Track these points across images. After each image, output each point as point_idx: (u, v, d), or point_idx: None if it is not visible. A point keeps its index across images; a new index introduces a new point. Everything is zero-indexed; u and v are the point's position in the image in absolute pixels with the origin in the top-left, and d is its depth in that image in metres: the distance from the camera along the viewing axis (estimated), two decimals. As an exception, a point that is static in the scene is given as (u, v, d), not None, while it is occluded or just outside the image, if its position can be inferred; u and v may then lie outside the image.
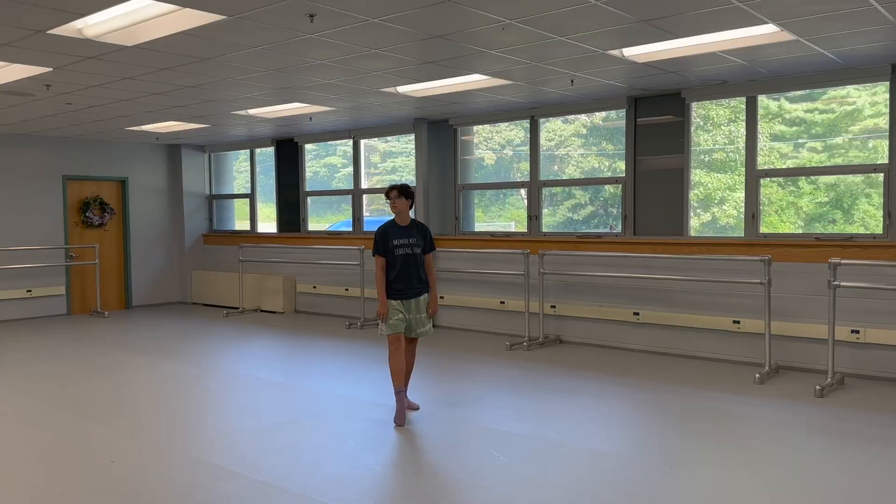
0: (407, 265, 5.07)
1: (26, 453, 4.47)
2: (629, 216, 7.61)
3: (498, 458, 4.27)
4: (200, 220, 11.98)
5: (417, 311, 5.15)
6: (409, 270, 5.07)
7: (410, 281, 5.08)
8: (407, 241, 5.10)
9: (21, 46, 5.04)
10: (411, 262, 5.08)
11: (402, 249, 5.07)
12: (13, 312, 10.02)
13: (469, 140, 9.18)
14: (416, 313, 5.14)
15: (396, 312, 5.05)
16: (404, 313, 5.08)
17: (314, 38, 5.00)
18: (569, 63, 5.86)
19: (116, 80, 6.32)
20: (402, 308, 5.06)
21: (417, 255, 5.12)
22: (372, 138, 10.03)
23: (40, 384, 6.23)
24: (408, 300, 5.08)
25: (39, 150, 10.23)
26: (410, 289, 5.09)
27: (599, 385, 6.02)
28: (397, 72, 6.14)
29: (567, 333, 7.92)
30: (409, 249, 5.08)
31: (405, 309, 5.08)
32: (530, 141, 8.33)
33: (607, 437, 4.68)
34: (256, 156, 11.39)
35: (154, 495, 3.76)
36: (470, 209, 9.17)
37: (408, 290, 5.08)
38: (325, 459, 4.29)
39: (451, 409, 5.45)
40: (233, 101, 7.50)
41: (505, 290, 8.37)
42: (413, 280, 5.09)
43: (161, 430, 4.91)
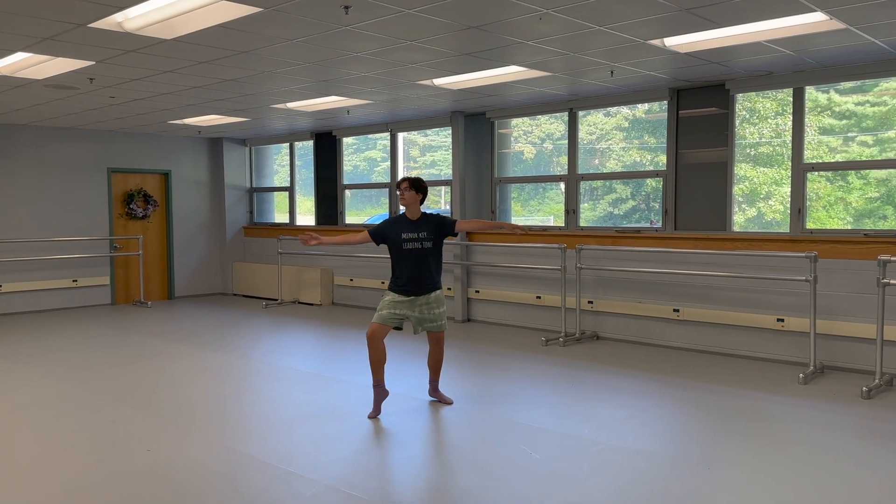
0: (416, 261, 4.89)
1: (66, 440, 4.56)
2: (670, 211, 7.45)
3: (531, 455, 4.21)
4: (241, 212, 12.13)
5: (428, 309, 4.97)
6: (418, 267, 4.89)
7: (420, 279, 4.88)
8: (416, 236, 4.91)
9: (63, 40, 5.13)
10: (421, 258, 4.90)
11: (410, 244, 4.89)
12: (60, 302, 10.28)
13: (507, 133, 9.09)
14: (425, 311, 4.96)
15: (393, 306, 4.88)
16: (406, 311, 4.91)
17: (350, 30, 4.98)
18: (608, 53, 5.74)
19: (157, 73, 6.41)
20: (403, 306, 4.89)
21: (429, 252, 4.93)
22: (409, 131, 10.01)
23: (82, 372, 6.37)
24: (417, 296, 4.91)
25: (85, 144, 10.46)
26: (418, 288, 4.90)
27: (637, 383, 5.91)
28: (433, 64, 6.09)
29: (604, 329, 7.80)
30: (418, 244, 4.90)
31: (409, 307, 4.91)
32: (568, 134, 8.21)
33: (644, 435, 4.58)
34: (296, 149, 11.47)
35: (186, 484, 3.79)
36: (507, 203, 9.09)
37: (415, 289, 4.90)
38: (356, 452, 4.28)
39: (485, 404, 5.41)
40: (272, 94, 7.55)
41: (541, 284, 8.28)
42: (423, 278, 4.90)
43: (197, 419, 4.96)
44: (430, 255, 4.94)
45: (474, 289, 8.94)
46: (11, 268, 9.78)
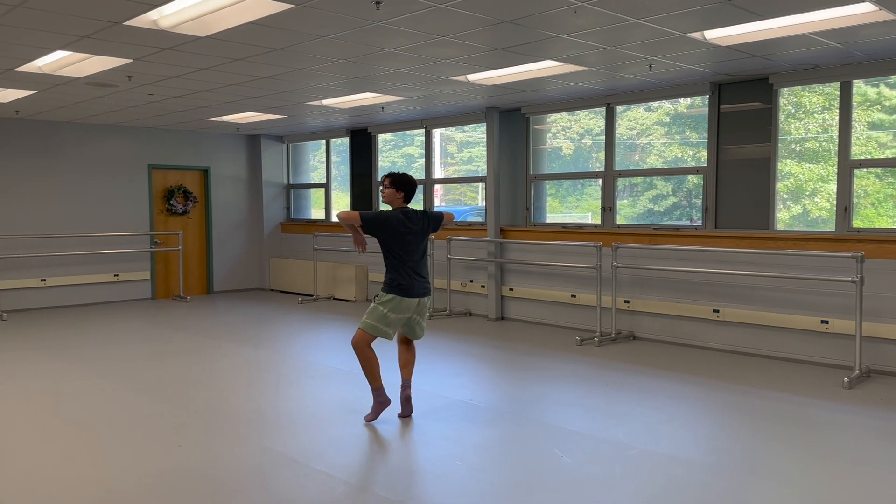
0: (414, 259, 4.64)
1: (100, 434, 4.61)
2: (710, 208, 7.26)
3: (561, 459, 4.13)
4: (278, 208, 12.22)
5: (419, 314, 4.73)
6: (413, 263, 4.64)
7: (414, 276, 4.63)
8: (416, 229, 4.67)
9: (100, 38, 5.19)
10: (417, 254, 4.67)
11: (412, 237, 4.64)
12: (101, 296, 10.49)
13: (542, 129, 8.97)
14: (418, 315, 4.73)
15: (394, 319, 4.60)
16: (408, 315, 4.65)
17: (382, 25, 4.94)
18: (646, 47, 5.60)
19: (193, 70, 6.46)
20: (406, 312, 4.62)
21: (424, 247, 4.73)
22: (444, 128, 9.95)
23: (120, 366, 6.46)
24: (419, 298, 4.65)
25: (126, 140, 10.64)
26: (419, 285, 4.65)
27: (674, 385, 5.77)
28: (467, 59, 6.02)
29: (641, 330, 7.64)
30: (416, 238, 4.67)
31: (409, 309, 4.63)
32: (606, 129, 8.06)
33: (679, 440, 4.46)
34: (333, 145, 11.51)
35: (216, 481, 3.80)
36: (542, 200, 8.97)
37: (414, 286, 4.63)
38: (385, 451, 4.25)
39: (516, 404, 5.33)
40: (307, 91, 7.56)
41: (576, 283, 8.16)
42: (416, 275, 4.65)
43: (229, 415, 4.98)
44: (423, 253, 4.76)
45: (508, 287, 8.85)
46: (55, 262, 10.00)
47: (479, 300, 9.21)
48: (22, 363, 6.58)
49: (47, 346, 7.37)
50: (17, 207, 9.66)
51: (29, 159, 9.75)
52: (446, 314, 9.12)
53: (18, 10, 4.48)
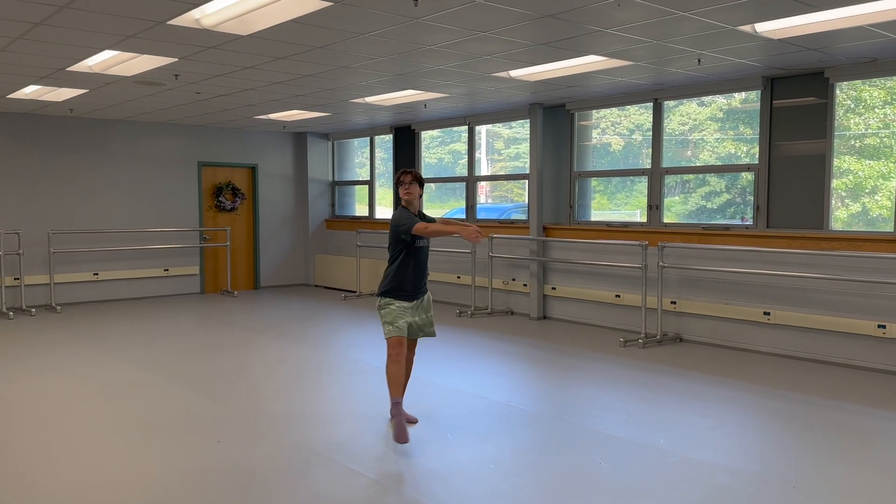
0: (418, 260, 4.50)
1: (140, 427, 4.69)
2: (762, 207, 7.01)
3: (600, 465, 4.02)
4: (324, 205, 12.31)
5: (424, 311, 4.61)
6: (421, 266, 4.53)
7: (420, 279, 4.52)
8: None
9: (145, 37, 5.27)
10: (421, 256, 4.53)
11: (421, 241, 4.50)
12: (152, 290, 10.73)
13: (587, 125, 8.81)
14: (422, 313, 4.60)
15: (404, 314, 4.48)
16: (411, 316, 4.52)
17: (422, 22, 4.89)
18: (694, 41, 5.42)
19: (238, 69, 6.52)
20: (408, 313, 4.50)
21: (427, 249, 4.60)
22: (487, 124, 9.87)
23: (166, 360, 6.58)
24: (417, 300, 4.55)
25: (176, 138, 10.85)
26: (418, 289, 4.54)
27: (721, 390, 5.58)
28: (509, 55, 5.93)
29: (688, 331, 7.44)
30: (425, 241, 4.53)
31: (412, 313, 4.53)
32: (653, 125, 7.87)
33: (724, 448, 4.30)
34: (377, 142, 11.53)
35: (251, 476, 3.81)
36: (586, 197, 8.82)
37: (415, 290, 4.52)
38: (420, 452, 4.21)
39: (557, 407, 5.24)
40: (350, 89, 7.57)
41: (621, 282, 7.99)
42: (423, 278, 4.55)
43: (268, 411, 5.01)
44: (426, 256, 4.60)
45: (551, 285, 8.73)
46: (108, 256, 10.26)
47: (521, 299, 9.11)
48: (71, 355, 6.75)
49: (97, 338, 7.55)
50: (72, 203, 9.94)
51: (83, 156, 10.02)
52: (488, 313, 9.04)
53: (66, 11, 4.57)
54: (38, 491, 3.66)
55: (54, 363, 6.45)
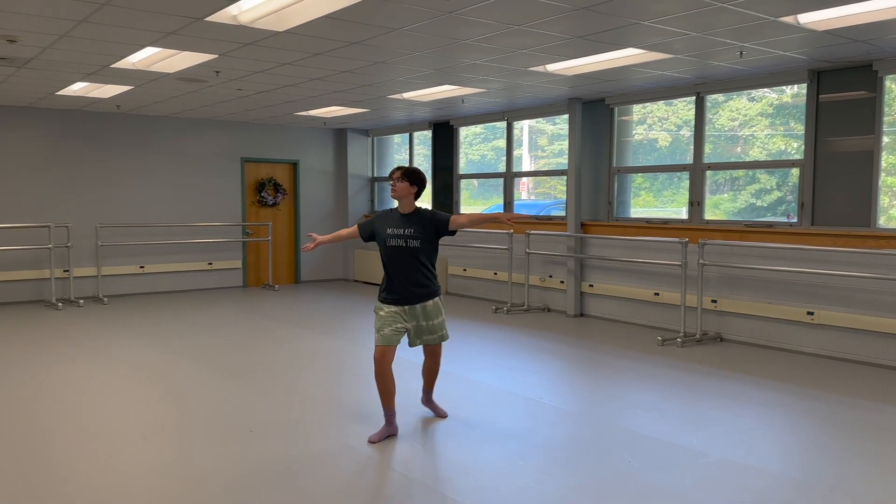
0: (399, 262, 4.21)
1: (177, 417, 4.79)
2: (807, 204, 6.81)
3: (629, 463, 3.96)
4: (363, 201, 12.40)
5: (426, 318, 4.31)
6: (403, 269, 4.21)
7: (409, 284, 4.22)
8: (402, 232, 4.20)
9: (185, 34, 5.37)
10: (405, 258, 4.20)
11: (394, 241, 4.20)
12: (196, 283, 10.96)
13: (627, 120, 8.68)
14: (424, 320, 4.31)
15: (392, 320, 4.21)
16: (404, 323, 4.27)
17: (454, 16, 4.87)
18: (735, 33, 5.28)
19: (276, 65, 6.59)
20: (399, 317, 4.24)
21: (414, 251, 4.19)
22: (526, 120, 9.81)
23: (207, 352, 6.71)
24: (412, 305, 4.26)
25: (220, 134, 11.05)
26: (409, 296, 4.23)
27: (760, 390, 5.45)
28: (544, 49, 5.87)
29: (729, 331, 7.27)
30: (401, 241, 4.19)
31: (406, 317, 4.27)
32: (695, 120, 7.70)
33: (758, 449, 4.19)
34: (417, 139, 11.56)
35: (280, 467, 3.86)
36: (625, 193, 8.69)
37: (406, 297, 4.23)
38: (448, 447, 4.21)
39: (588, 405, 5.18)
40: (387, 84, 7.59)
41: (660, 280, 7.85)
42: (412, 283, 4.22)
43: (302, 403, 5.07)
44: (419, 256, 4.22)
45: (588, 283, 8.63)
46: (153, 250, 10.51)
47: (557, 296, 9.03)
48: (116, 345, 6.94)
49: (141, 329, 7.74)
50: (119, 198, 10.20)
51: (130, 152, 10.27)
52: (524, 309, 8.99)
53: (107, 8, 4.68)
54: (80, 475, 3.77)
55: (99, 353, 6.63)
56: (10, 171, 9.42)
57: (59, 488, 3.59)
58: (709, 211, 7.75)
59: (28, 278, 9.57)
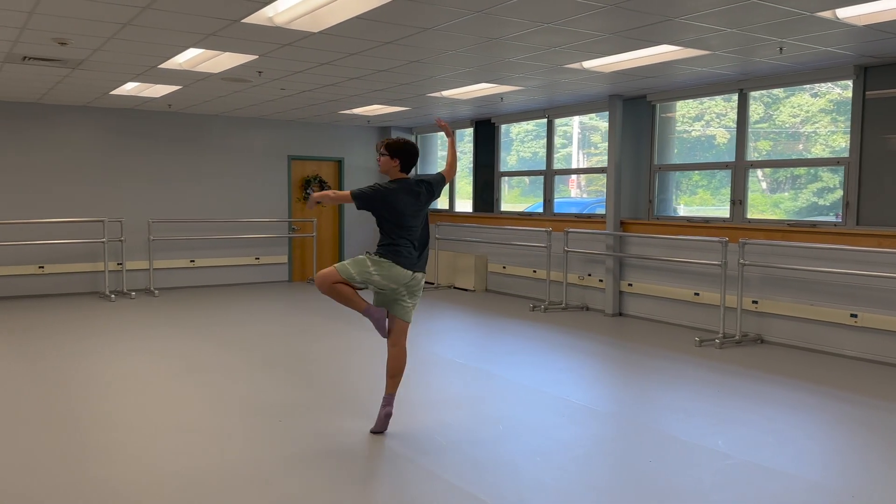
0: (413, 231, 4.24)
1: (211, 405, 4.96)
2: (852, 203, 6.62)
3: (649, 463, 3.95)
4: (406, 198, 12.50)
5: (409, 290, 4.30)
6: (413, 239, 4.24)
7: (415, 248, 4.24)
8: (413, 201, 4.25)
9: (224, 36, 5.54)
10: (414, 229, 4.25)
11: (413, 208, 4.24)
12: (243, 277, 11.26)
13: (670, 117, 8.56)
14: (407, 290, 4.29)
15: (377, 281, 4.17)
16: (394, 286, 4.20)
17: (484, 14, 4.90)
18: (772, 28, 5.18)
19: (315, 65, 6.74)
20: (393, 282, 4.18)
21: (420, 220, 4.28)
22: (567, 117, 9.76)
23: (249, 344, 6.91)
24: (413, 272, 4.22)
25: (267, 132, 11.31)
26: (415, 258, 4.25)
27: (796, 393, 5.33)
28: (578, 46, 5.85)
29: (770, 333, 7.12)
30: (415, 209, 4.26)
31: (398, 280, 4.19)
32: (738, 116, 7.56)
33: (784, 453, 4.12)
34: (459, 136, 11.62)
35: (304, 456, 3.97)
36: (667, 191, 8.58)
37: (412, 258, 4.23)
38: (469, 442, 4.25)
39: (617, 404, 5.17)
40: (424, 83, 7.67)
41: (700, 280, 7.73)
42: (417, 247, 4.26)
43: (332, 395, 5.18)
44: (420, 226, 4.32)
45: (627, 282, 8.55)
46: (203, 244, 10.84)
47: (596, 294, 8.97)
48: (165, 336, 7.21)
49: (189, 321, 8.01)
50: (171, 194, 10.55)
51: (181, 150, 10.62)
52: (562, 308, 8.96)
53: (148, 12, 4.87)
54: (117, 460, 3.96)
55: (147, 343, 6.90)
56: (68, 168, 9.85)
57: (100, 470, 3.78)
58: (769, 209, 7.57)
59: (83, 271, 9.99)
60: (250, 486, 3.56)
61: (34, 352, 6.43)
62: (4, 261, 9.47)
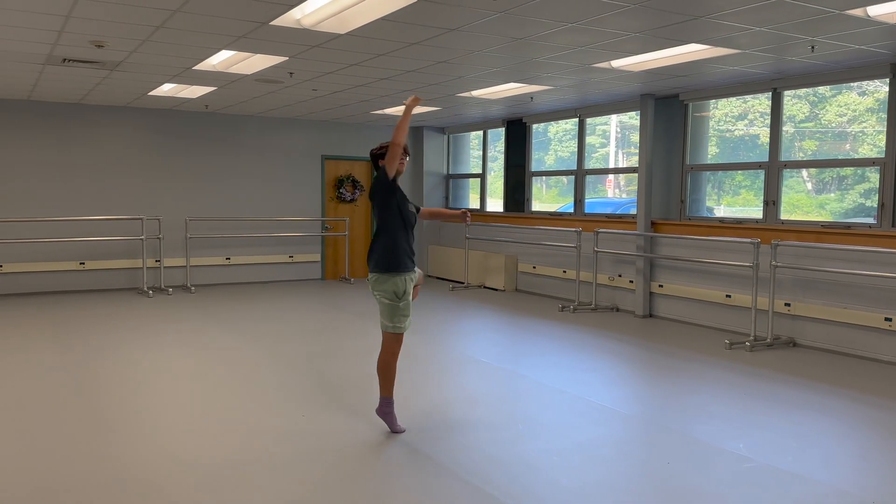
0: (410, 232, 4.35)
1: (234, 400, 5.08)
2: (887, 204, 6.46)
3: (667, 465, 3.92)
4: (438, 198, 12.58)
5: None
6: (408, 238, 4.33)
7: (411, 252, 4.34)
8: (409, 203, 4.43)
9: (254, 38, 5.66)
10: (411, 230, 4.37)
11: (410, 208, 4.38)
12: (277, 275, 11.44)
13: (703, 116, 8.45)
14: None
15: None
16: None
17: (509, 15, 4.92)
18: (802, 27, 5.09)
19: (344, 66, 6.83)
20: None
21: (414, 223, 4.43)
22: (599, 116, 9.70)
23: (278, 340, 7.03)
24: None
25: (302, 133, 11.48)
26: None
27: (825, 398, 5.23)
28: (605, 45, 5.83)
29: (803, 336, 6.99)
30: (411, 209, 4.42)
31: None
32: (771, 116, 7.43)
33: (807, 457, 4.06)
34: (491, 136, 11.63)
35: (324, 451, 4.04)
36: (699, 191, 8.47)
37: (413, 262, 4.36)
38: (487, 440, 4.28)
39: (639, 406, 5.14)
40: (453, 83, 7.71)
41: (732, 282, 7.62)
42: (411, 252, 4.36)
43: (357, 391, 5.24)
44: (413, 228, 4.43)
45: (657, 283, 8.47)
46: (239, 242, 11.05)
47: (626, 295, 8.90)
48: (199, 331, 7.38)
49: (223, 317, 8.19)
50: (207, 193, 10.78)
51: (217, 149, 10.84)
52: (591, 308, 8.92)
53: (179, 15, 5.00)
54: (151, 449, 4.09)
55: (183, 337, 7.07)
56: (109, 167, 10.13)
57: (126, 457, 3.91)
58: (814, 211, 7.43)
59: (122, 267, 10.27)
60: (272, 477, 3.64)
61: (74, 343, 6.65)
62: (47, 257, 9.78)
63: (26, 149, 9.61)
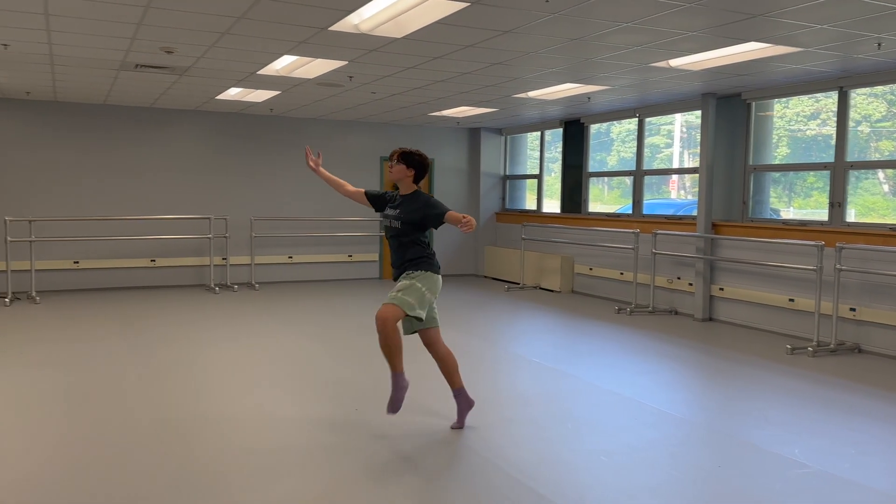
0: (390, 240, 4.31)
1: (289, 392, 5.25)
2: (963, 207, 6.20)
3: (718, 468, 3.89)
4: (495, 198, 12.63)
5: None
6: (392, 247, 4.29)
7: (394, 261, 4.30)
8: (394, 213, 4.26)
9: (314, 43, 5.83)
10: (393, 238, 4.27)
11: (386, 221, 4.32)
12: (337, 273, 11.69)
13: (767, 115, 8.25)
14: None
15: None
16: None
17: (561, 16, 4.94)
18: (867, 23, 4.94)
19: (401, 70, 6.95)
20: None
21: (399, 234, 4.22)
22: (658, 116, 9.57)
23: (334, 337, 7.22)
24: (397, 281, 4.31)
25: (361, 135, 11.70)
26: (396, 270, 4.30)
27: (887, 405, 5.07)
28: (662, 45, 5.77)
29: (868, 342, 6.76)
30: (388, 222, 4.30)
31: None
32: (838, 115, 7.21)
33: (865, 465, 3.95)
34: (549, 136, 11.61)
35: (377, 446, 4.15)
36: (762, 192, 8.27)
37: (395, 271, 4.31)
38: (535, 438, 4.31)
39: (692, 409, 5.08)
40: (509, 84, 7.74)
41: (796, 286, 7.42)
42: (395, 260, 4.28)
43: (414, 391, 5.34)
44: (401, 238, 4.24)
45: (718, 286, 8.31)
46: (300, 242, 11.35)
47: (685, 298, 8.76)
48: (260, 326, 7.64)
49: (284, 314, 8.44)
50: (272, 193, 11.11)
51: (281, 151, 11.15)
52: (648, 311, 8.81)
53: (243, 21, 5.21)
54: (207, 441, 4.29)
55: (246, 332, 7.34)
56: (178, 169, 10.55)
57: (188, 446, 4.11)
58: (891, 213, 7.16)
59: (190, 265, 10.68)
60: (320, 468, 3.77)
61: (145, 337, 6.98)
62: (121, 254, 10.26)
63: (102, 151, 10.11)
